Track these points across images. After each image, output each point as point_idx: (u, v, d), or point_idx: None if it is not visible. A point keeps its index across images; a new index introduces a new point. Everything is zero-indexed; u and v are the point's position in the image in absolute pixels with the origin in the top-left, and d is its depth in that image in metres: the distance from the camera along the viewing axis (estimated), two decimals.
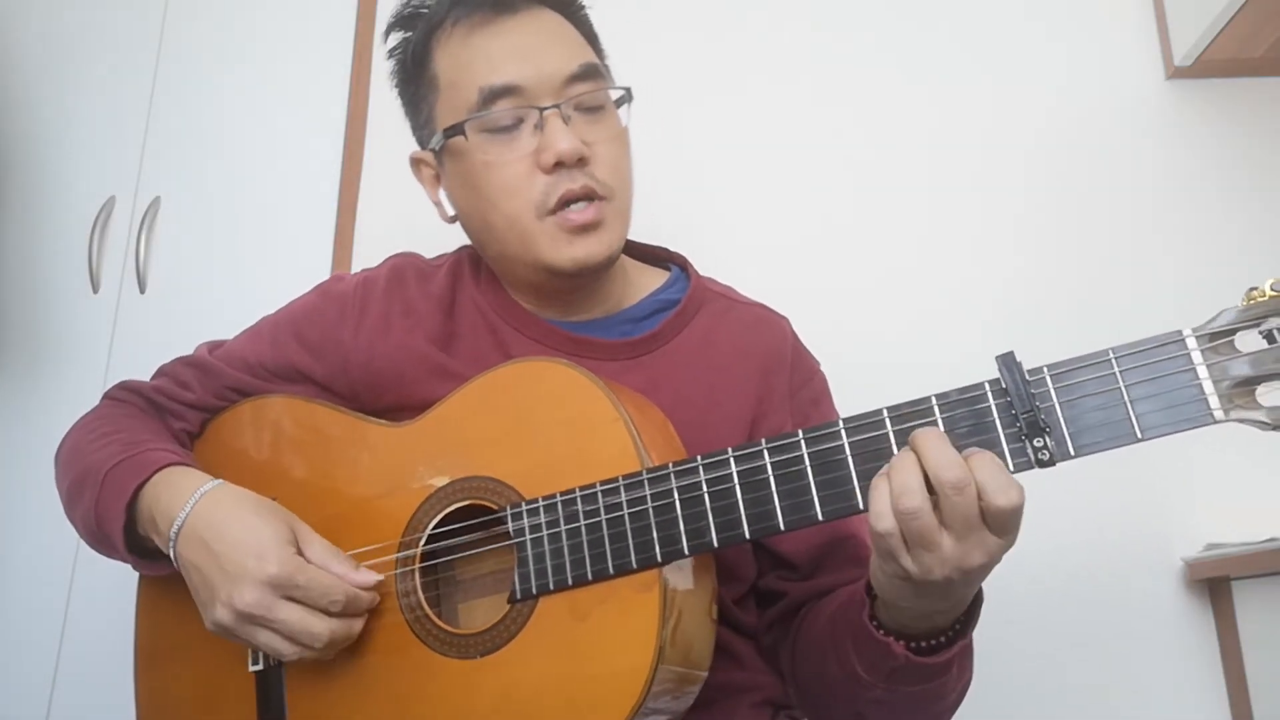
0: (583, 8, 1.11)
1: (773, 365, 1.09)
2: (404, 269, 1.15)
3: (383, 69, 1.17)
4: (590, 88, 1.04)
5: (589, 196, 1.01)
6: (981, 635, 0.89)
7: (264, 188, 1.87)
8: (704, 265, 1.18)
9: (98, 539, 1.03)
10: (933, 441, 0.75)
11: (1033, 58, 1.97)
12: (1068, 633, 1.67)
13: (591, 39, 1.11)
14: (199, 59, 1.93)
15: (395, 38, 1.13)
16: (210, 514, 0.94)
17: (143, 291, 1.81)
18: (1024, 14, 2.00)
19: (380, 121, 1.90)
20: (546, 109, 1.01)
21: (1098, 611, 1.68)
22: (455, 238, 1.17)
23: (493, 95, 1.01)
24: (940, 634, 0.85)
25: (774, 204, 1.90)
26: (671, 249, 1.19)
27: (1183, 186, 1.89)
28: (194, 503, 0.95)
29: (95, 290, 1.81)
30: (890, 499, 0.75)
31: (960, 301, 1.83)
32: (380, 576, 0.95)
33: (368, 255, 1.77)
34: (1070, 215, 1.88)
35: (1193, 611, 1.68)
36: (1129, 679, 1.65)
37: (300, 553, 0.93)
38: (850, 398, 1.08)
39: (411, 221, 1.34)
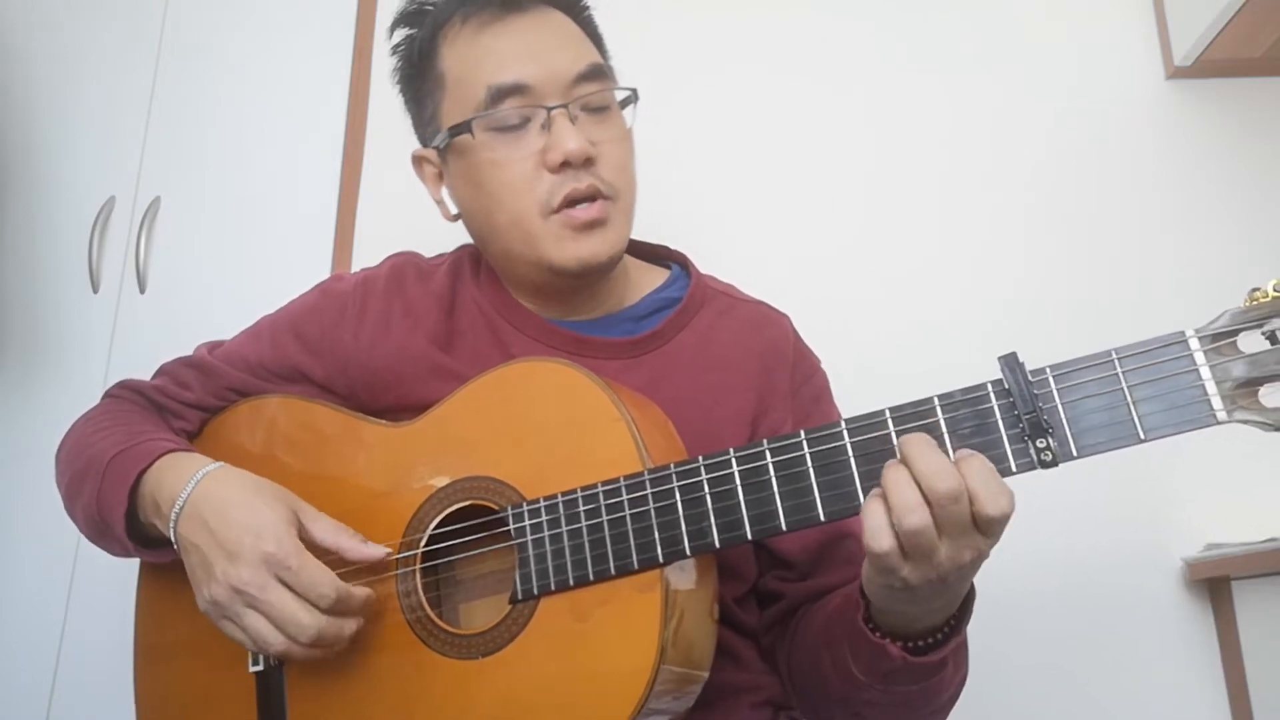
0: (587, 8, 1.11)
1: (774, 363, 1.09)
2: (404, 268, 1.14)
3: (383, 69, 1.16)
4: (597, 88, 1.04)
5: (594, 196, 1.01)
6: (981, 635, 0.89)
7: (264, 188, 1.87)
8: (706, 268, 1.18)
9: (99, 530, 1.03)
10: (922, 450, 0.75)
11: (1032, 58, 1.97)
12: (1068, 632, 1.67)
13: (596, 39, 1.11)
14: (199, 59, 1.93)
15: (400, 34, 1.12)
16: (211, 494, 0.94)
17: (143, 291, 1.81)
18: (1023, 14, 1.99)
19: (380, 122, 1.90)
20: (554, 108, 1.01)
21: (1098, 611, 1.68)
22: (454, 238, 1.17)
23: (500, 94, 1.01)
24: (935, 632, 0.85)
25: (774, 206, 1.89)
26: (672, 248, 1.19)
27: (1183, 186, 1.89)
28: (195, 483, 0.95)
29: (95, 290, 1.81)
30: (892, 517, 0.75)
31: (962, 302, 1.83)
32: (388, 550, 0.95)
33: (368, 255, 1.75)
34: (1070, 215, 1.88)
35: (1193, 611, 1.68)
36: (1129, 679, 1.65)
37: (304, 533, 0.93)
38: (851, 399, 1.08)
39: (411, 222, 1.34)
